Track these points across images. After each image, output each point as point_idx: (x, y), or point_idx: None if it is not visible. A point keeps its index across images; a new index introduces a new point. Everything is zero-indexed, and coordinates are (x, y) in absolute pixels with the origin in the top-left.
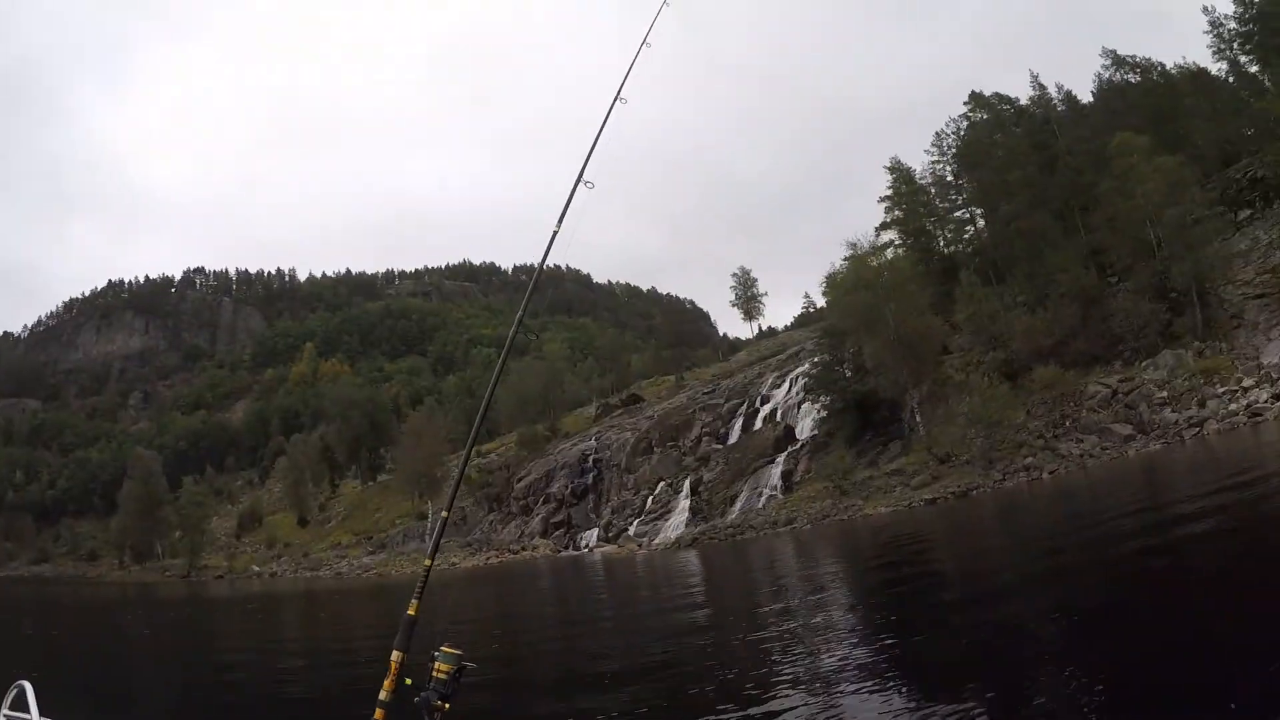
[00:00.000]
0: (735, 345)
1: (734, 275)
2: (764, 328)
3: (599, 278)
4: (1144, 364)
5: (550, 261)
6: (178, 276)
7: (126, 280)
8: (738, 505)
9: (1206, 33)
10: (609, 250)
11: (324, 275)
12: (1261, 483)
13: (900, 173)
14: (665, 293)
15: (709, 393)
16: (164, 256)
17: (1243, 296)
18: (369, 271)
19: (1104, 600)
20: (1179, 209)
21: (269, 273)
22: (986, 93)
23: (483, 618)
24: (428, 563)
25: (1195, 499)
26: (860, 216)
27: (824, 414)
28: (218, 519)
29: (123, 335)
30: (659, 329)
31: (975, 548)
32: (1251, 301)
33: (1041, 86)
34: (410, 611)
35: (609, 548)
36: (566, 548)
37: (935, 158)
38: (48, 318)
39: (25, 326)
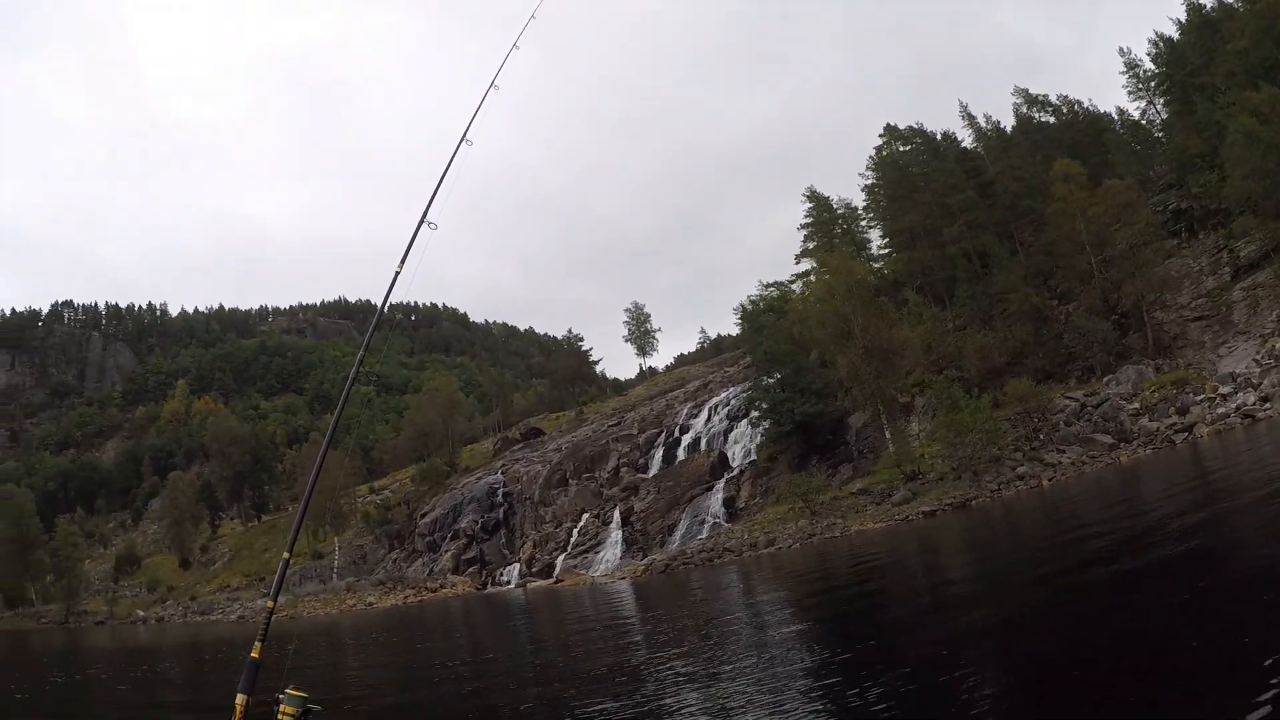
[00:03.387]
0: (618, 385)
1: (627, 311)
2: (643, 367)
3: (475, 317)
4: (1105, 379)
5: (406, 299)
6: (45, 310)
7: None
8: (678, 533)
9: (1122, 73)
10: (474, 289)
11: (196, 310)
12: None
13: (818, 200)
14: (543, 332)
15: (615, 424)
16: (25, 289)
17: (1182, 319)
18: (242, 308)
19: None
20: (1131, 229)
21: (140, 307)
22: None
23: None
24: (270, 604)
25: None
26: (719, 259)
27: (759, 439)
28: (90, 562)
29: None
30: (542, 367)
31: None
32: (1192, 323)
33: (971, 117)
34: (254, 654)
35: (543, 581)
36: (486, 584)
37: (869, 181)
38: None
39: None
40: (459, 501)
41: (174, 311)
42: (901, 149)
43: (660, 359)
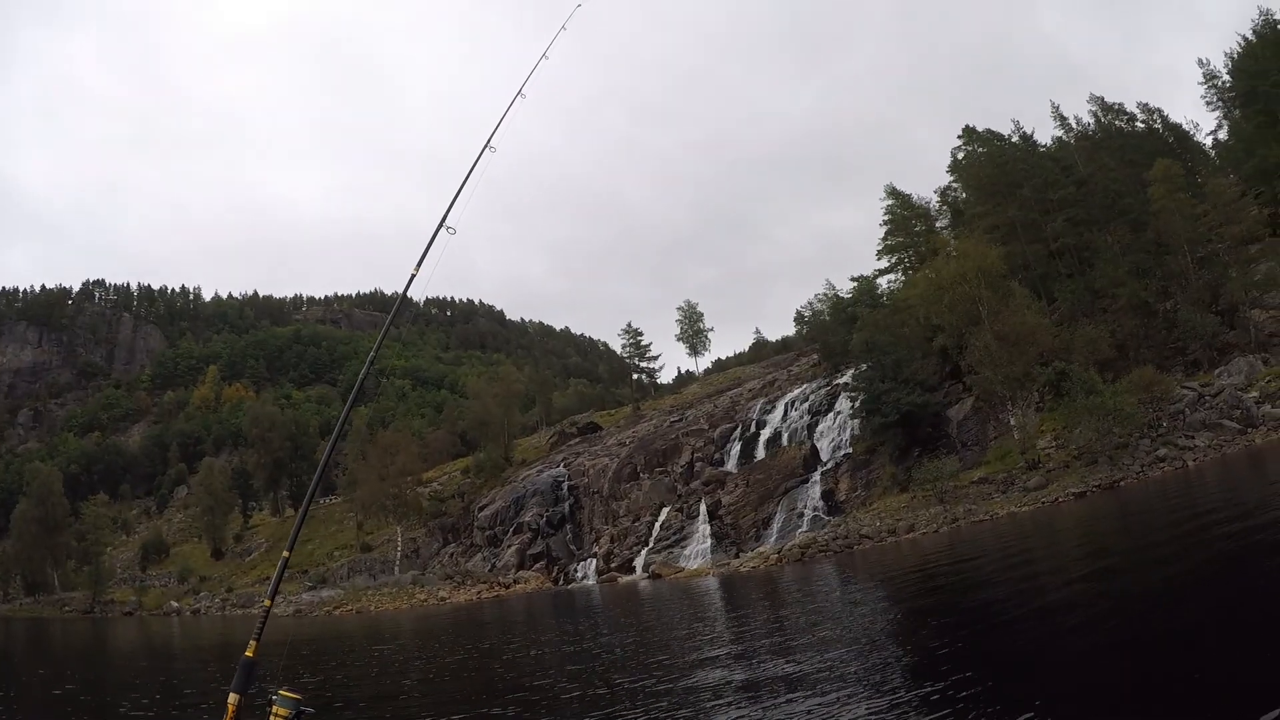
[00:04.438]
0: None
1: (680, 309)
2: (686, 368)
3: (511, 314)
4: (1216, 371)
5: (442, 294)
6: (75, 288)
7: (20, 289)
8: (774, 527)
9: (1201, 83)
10: (503, 281)
11: (229, 296)
12: None
13: (899, 197)
14: (579, 333)
15: (677, 420)
16: (56, 266)
17: (1275, 319)
18: (277, 295)
19: None
20: (1239, 226)
21: (173, 289)
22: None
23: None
24: (267, 603)
25: None
26: (750, 259)
27: (852, 432)
28: (113, 549)
29: (13, 347)
30: (579, 367)
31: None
32: None
33: (1063, 118)
34: (248, 653)
35: (628, 575)
36: (559, 580)
37: (946, 181)
38: None
39: None
40: (520, 494)
41: (207, 296)
42: (980, 150)
43: (700, 360)
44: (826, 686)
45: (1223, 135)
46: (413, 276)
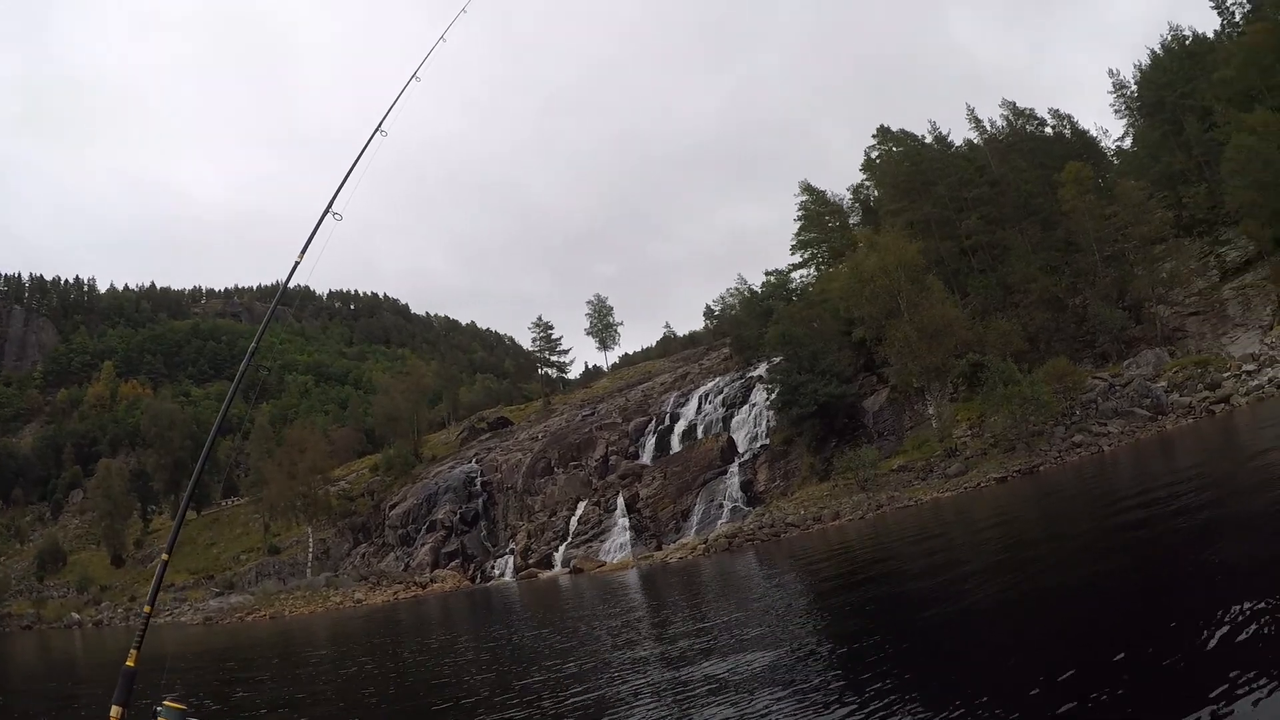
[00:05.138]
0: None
1: (589, 303)
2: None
3: (416, 309)
4: (1125, 363)
5: (346, 287)
6: None
7: None
8: (694, 519)
9: (1110, 92)
10: (403, 275)
11: (126, 288)
12: None
13: (813, 194)
14: (485, 327)
15: (589, 414)
16: None
17: (1179, 314)
18: (175, 287)
19: None
20: (1146, 227)
21: (66, 280)
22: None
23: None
24: (147, 609)
25: None
26: (653, 255)
27: (769, 424)
28: (5, 559)
29: None
30: (485, 362)
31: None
32: (1189, 318)
33: (977, 120)
34: (129, 663)
35: (548, 571)
36: (476, 578)
37: (864, 179)
38: None
39: None
40: (433, 492)
41: (102, 288)
42: (895, 149)
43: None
44: (747, 684)
45: (1128, 144)
46: (296, 264)
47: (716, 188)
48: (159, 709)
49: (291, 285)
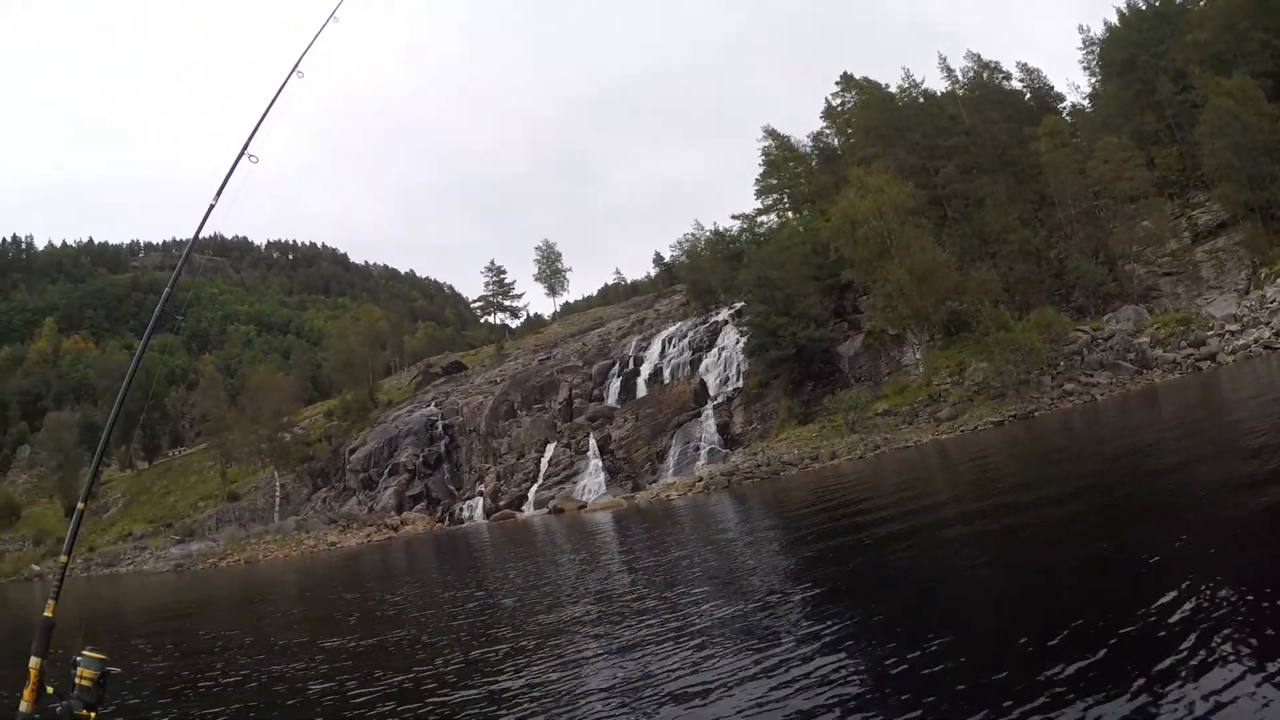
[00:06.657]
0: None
1: (538, 249)
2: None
3: (356, 258)
4: (1105, 317)
5: (286, 237)
6: None
7: None
8: (670, 460)
9: (1080, 49)
10: (334, 221)
11: (64, 244)
12: None
13: (778, 139)
14: (424, 276)
15: (545, 359)
16: None
17: (1153, 273)
18: (113, 242)
19: None
20: (1129, 183)
21: (4, 239)
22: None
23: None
24: (63, 559)
25: None
26: (588, 204)
27: (743, 367)
28: None
29: None
30: (425, 311)
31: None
32: (1162, 278)
33: (950, 70)
34: (47, 613)
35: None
36: (444, 520)
37: (825, 126)
38: None
39: None
40: (393, 435)
41: (40, 245)
42: (859, 96)
43: (556, 301)
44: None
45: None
46: (211, 206)
47: (649, 137)
48: (78, 659)
49: (230, 236)
